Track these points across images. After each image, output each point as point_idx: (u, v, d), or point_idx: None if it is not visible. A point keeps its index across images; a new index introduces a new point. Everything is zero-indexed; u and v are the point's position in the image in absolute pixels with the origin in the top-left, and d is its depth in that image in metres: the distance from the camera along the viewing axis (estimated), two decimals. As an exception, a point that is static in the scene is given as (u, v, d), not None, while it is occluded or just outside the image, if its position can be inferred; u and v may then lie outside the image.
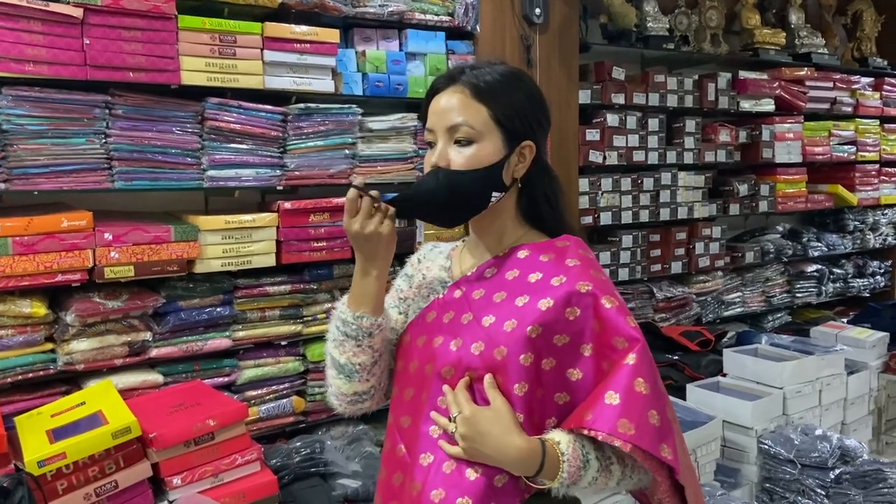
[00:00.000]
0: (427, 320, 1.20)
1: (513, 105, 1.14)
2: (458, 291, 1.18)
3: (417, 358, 1.17)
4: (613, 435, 0.99)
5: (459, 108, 1.13)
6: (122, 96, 2.45)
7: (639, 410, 1.01)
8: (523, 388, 1.05)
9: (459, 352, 1.10)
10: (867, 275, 5.01)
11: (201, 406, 2.27)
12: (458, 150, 1.14)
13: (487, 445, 1.03)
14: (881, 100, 4.93)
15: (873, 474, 2.87)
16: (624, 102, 3.72)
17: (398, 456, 1.13)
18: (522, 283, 1.11)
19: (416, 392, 1.14)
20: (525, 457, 1.02)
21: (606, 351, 1.05)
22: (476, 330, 1.10)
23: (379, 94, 2.97)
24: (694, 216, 4.06)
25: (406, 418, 1.14)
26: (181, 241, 2.54)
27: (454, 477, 1.05)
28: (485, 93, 1.13)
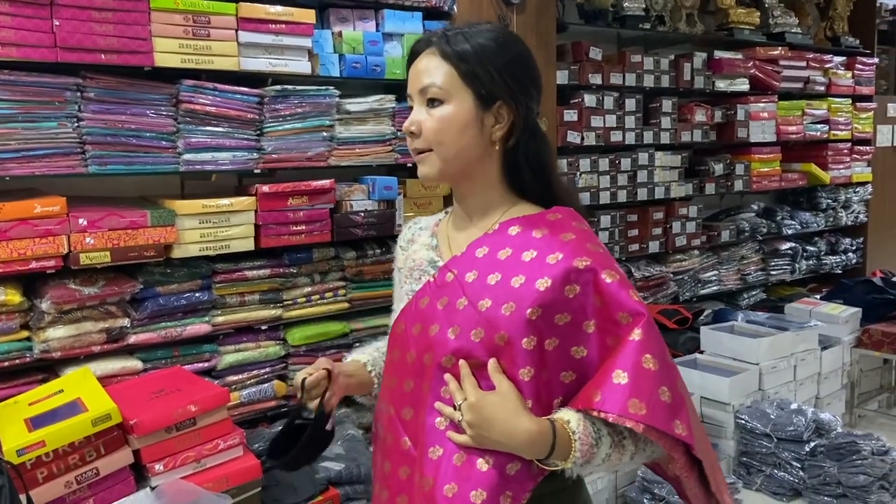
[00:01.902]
0: (421, 307, 1.14)
1: (484, 65, 1.10)
2: (449, 275, 1.12)
3: (414, 348, 1.12)
4: (625, 416, 0.96)
5: (430, 70, 1.12)
6: (94, 79, 2.40)
7: (649, 388, 0.97)
8: (529, 373, 1.01)
9: (458, 340, 1.05)
10: (839, 252, 5.10)
11: (182, 392, 2.25)
12: (428, 113, 1.12)
13: (495, 431, 0.99)
14: (853, 79, 4.99)
15: (847, 446, 2.94)
16: (601, 83, 3.73)
17: (403, 449, 1.10)
18: (517, 263, 1.06)
19: (417, 383, 1.10)
20: (535, 439, 0.98)
21: (610, 326, 1.02)
22: (473, 316, 1.05)
23: (356, 75, 2.94)
24: (671, 196, 4.10)
25: (408, 410, 1.11)
26: (158, 226, 2.50)
27: (465, 469, 1.02)
28: (453, 53, 1.11)
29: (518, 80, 1.13)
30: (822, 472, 2.94)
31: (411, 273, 1.24)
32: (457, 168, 1.14)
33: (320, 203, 2.87)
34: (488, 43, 1.11)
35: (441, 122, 1.10)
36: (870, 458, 2.88)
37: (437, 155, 1.13)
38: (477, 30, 1.13)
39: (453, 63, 1.10)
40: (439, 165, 1.14)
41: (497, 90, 1.11)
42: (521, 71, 1.14)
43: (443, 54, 1.11)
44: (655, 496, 2.61)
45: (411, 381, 1.11)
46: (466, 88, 1.10)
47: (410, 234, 1.33)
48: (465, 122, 1.10)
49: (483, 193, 1.17)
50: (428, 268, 1.21)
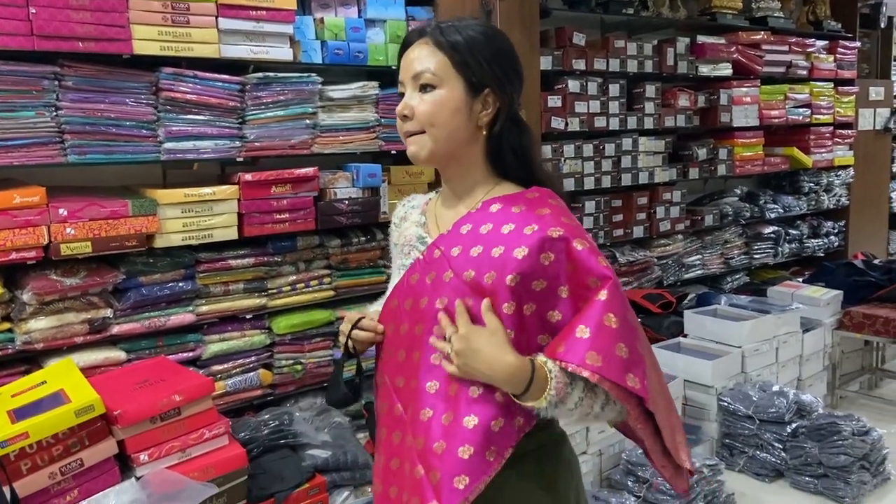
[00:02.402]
0: (412, 282, 1.21)
1: (474, 55, 1.18)
2: (437, 251, 1.20)
3: (406, 320, 1.19)
4: (582, 366, 1.04)
5: (423, 57, 1.19)
6: (72, 67, 2.37)
7: (607, 343, 1.05)
8: (509, 336, 1.09)
9: (446, 308, 1.14)
10: (822, 235, 5.15)
11: (166, 382, 2.25)
12: (421, 98, 1.19)
13: (480, 360, 1.07)
14: (835, 63, 5.02)
15: (828, 427, 2.99)
16: (585, 68, 3.73)
17: (396, 415, 1.16)
18: (497, 236, 1.14)
19: (408, 353, 1.17)
20: (516, 373, 1.06)
21: (581, 291, 1.09)
22: (459, 286, 1.13)
23: (339, 62, 2.92)
24: (655, 181, 4.11)
25: (400, 379, 1.18)
26: (139, 216, 2.49)
27: (453, 427, 1.08)
28: (446, 43, 1.18)
29: (504, 71, 1.21)
30: (804, 453, 2.99)
31: (402, 249, 1.32)
32: (445, 150, 1.21)
33: (304, 191, 2.86)
34: (478, 36, 1.19)
35: (434, 106, 1.18)
36: (850, 439, 2.93)
37: (429, 136, 1.20)
38: (467, 24, 1.21)
39: (446, 52, 1.18)
40: (430, 146, 1.20)
41: (486, 79, 1.19)
42: (507, 63, 1.22)
43: (437, 44, 1.19)
44: (639, 478, 2.64)
45: (403, 351, 1.18)
46: (458, 76, 1.18)
47: (403, 211, 1.40)
48: (456, 106, 1.18)
49: (469, 175, 1.25)
50: (417, 244, 1.28)
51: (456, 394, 1.10)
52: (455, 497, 1.05)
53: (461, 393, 1.10)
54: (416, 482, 1.09)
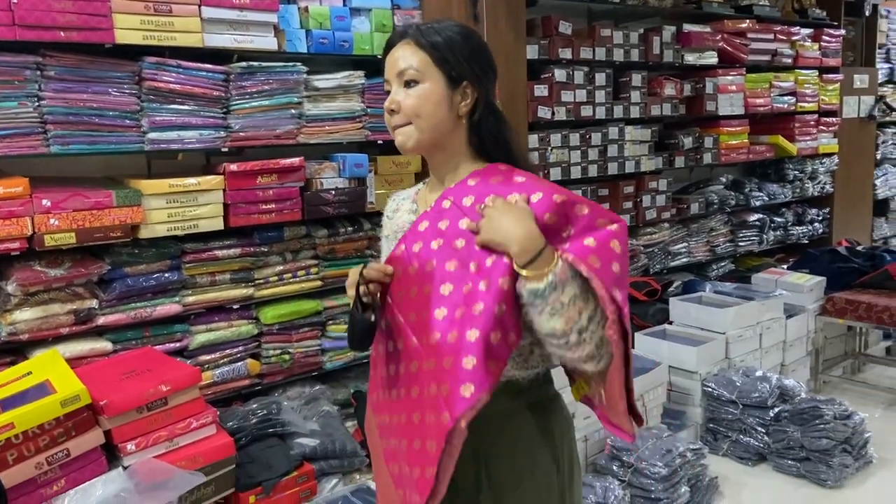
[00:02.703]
0: (420, 229, 1.31)
1: (453, 52, 1.30)
2: (446, 202, 1.30)
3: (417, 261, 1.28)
4: (582, 261, 1.14)
5: (406, 56, 1.30)
6: (54, 57, 2.36)
7: (607, 257, 1.16)
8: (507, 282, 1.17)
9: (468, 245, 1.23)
10: (806, 222, 5.19)
11: (153, 372, 2.25)
12: (406, 93, 1.30)
13: (507, 218, 1.17)
14: (820, 51, 5.04)
15: (810, 411, 3.03)
16: (571, 57, 3.73)
17: (412, 347, 1.24)
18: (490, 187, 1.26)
19: (420, 288, 1.26)
20: (532, 236, 1.16)
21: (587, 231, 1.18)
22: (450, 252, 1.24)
23: (324, 51, 2.92)
24: (641, 170, 4.13)
25: (413, 314, 1.26)
26: (124, 206, 2.48)
27: (458, 343, 1.17)
28: (427, 43, 1.30)
29: (480, 66, 1.33)
30: (786, 437, 3.02)
31: (396, 236, 1.40)
32: (430, 139, 1.31)
33: (290, 181, 2.86)
34: (455, 35, 1.31)
35: (418, 99, 1.28)
36: (832, 423, 2.97)
37: (415, 127, 1.30)
38: (445, 25, 1.33)
39: (427, 51, 1.29)
40: (416, 136, 1.31)
41: (464, 73, 1.30)
42: (482, 58, 1.34)
43: (417, 44, 1.30)
44: (625, 463, 2.67)
45: (415, 288, 1.27)
46: (438, 71, 1.29)
47: (395, 204, 1.49)
48: (438, 98, 1.29)
49: (453, 160, 1.35)
50: (408, 227, 1.37)
51: (461, 316, 1.18)
52: (462, 405, 1.12)
53: (466, 314, 1.18)
54: (433, 400, 1.17)
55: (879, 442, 3.27)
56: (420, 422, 1.21)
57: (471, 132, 1.33)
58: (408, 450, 1.24)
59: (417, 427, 1.22)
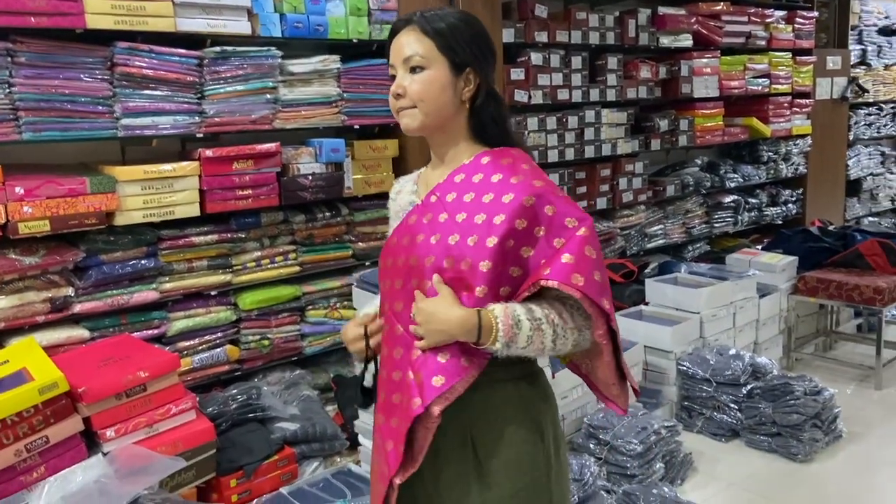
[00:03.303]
0: (409, 223, 1.38)
1: (455, 39, 1.35)
2: (433, 197, 1.37)
3: (403, 253, 1.36)
4: (567, 285, 1.22)
5: (411, 43, 1.35)
6: (25, 43, 2.34)
7: (587, 269, 1.24)
8: (487, 266, 1.26)
9: (439, 244, 1.31)
10: (780, 203, 5.27)
11: (131, 359, 2.26)
12: (411, 78, 1.35)
13: (437, 321, 1.25)
14: (793, 33, 5.09)
15: (781, 388, 3.10)
16: (547, 41, 3.74)
17: (398, 334, 1.33)
18: (487, 184, 1.33)
19: (405, 281, 1.34)
20: (465, 323, 1.24)
21: (558, 230, 1.27)
22: (451, 225, 1.31)
23: (298, 35, 2.91)
24: (617, 153, 4.17)
25: (399, 303, 1.34)
26: (98, 193, 2.47)
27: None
28: (431, 30, 1.35)
29: (482, 52, 1.38)
30: (758, 413, 3.09)
31: (397, 216, 1.48)
32: (434, 122, 1.37)
33: (266, 167, 2.86)
34: (458, 23, 1.36)
35: (424, 84, 1.34)
36: (802, 398, 3.04)
37: (420, 110, 1.36)
38: (448, 12, 1.38)
39: (432, 37, 1.34)
40: (421, 118, 1.36)
41: (467, 59, 1.35)
42: (483, 45, 1.39)
43: (423, 31, 1.35)
44: (601, 441, 2.72)
45: (400, 280, 1.35)
46: (443, 57, 1.34)
47: (399, 186, 1.55)
48: (443, 84, 1.34)
49: (454, 141, 1.41)
50: (409, 208, 1.45)
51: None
52: (432, 392, 1.24)
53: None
54: (409, 385, 1.28)
55: (850, 417, 3.36)
56: (399, 403, 1.30)
57: (472, 116, 1.39)
58: (385, 426, 1.33)
59: (395, 406, 1.31)
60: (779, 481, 2.90)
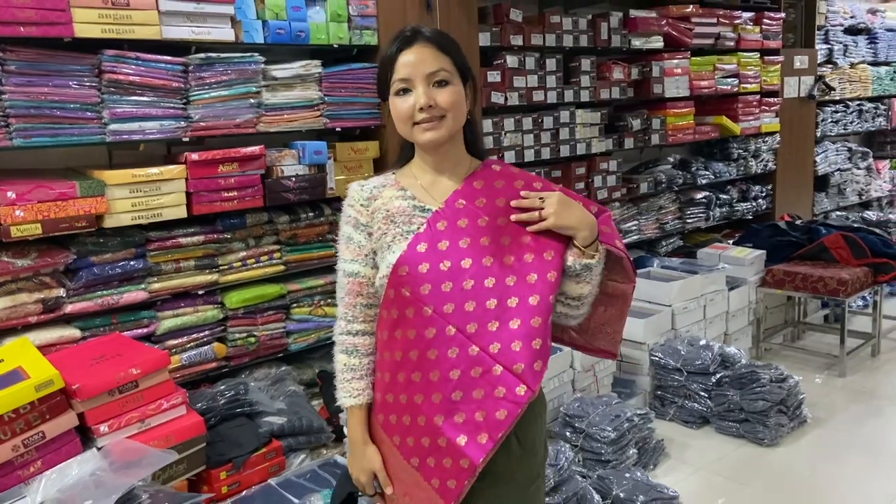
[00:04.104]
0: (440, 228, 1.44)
1: (461, 55, 1.47)
2: (459, 202, 1.46)
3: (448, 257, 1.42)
4: (612, 246, 1.43)
5: (434, 58, 1.42)
6: (14, 51, 2.40)
7: (619, 237, 1.48)
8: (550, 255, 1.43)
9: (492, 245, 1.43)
10: (750, 199, 5.42)
11: (122, 357, 2.33)
12: (438, 91, 1.42)
13: (573, 208, 1.41)
14: (761, 33, 5.25)
15: (748, 376, 3.24)
16: (522, 44, 3.85)
17: (448, 335, 1.39)
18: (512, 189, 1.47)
19: (456, 282, 1.40)
20: (594, 224, 1.42)
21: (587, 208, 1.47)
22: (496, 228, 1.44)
23: (281, 41, 2.99)
24: (592, 151, 4.29)
25: (449, 305, 1.40)
26: (88, 197, 2.54)
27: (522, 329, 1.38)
28: (445, 46, 1.44)
29: (470, 67, 1.51)
30: (727, 400, 3.24)
31: (393, 218, 1.48)
32: (455, 133, 1.47)
33: (251, 169, 2.94)
34: (452, 40, 1.48)
35: (453, 96, 1.43)
36: (768, 385, 3.19)
37: (448, 121, 1.44)
38: (438, 30, 1.49)
39: (447, 53, 1.44)
40: (448, 130, 1.45)
41: (469, 75, 1.48)
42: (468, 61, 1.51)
43: (440, 47, 1.43)
44: (576, 429, 2.85)
45: (450, 282, 1.40)
46: (457, 73, 1.45)
47: (367, 192, 1.53)
48: (463, 97, 1.46)
49: (456, 150, 1.51)
50: (415, 212, 1.48)
51: (517, 305, 1.38)
52: (538, 377, 1.37)
53: (522, 302, 1.38)
54: (495, 378, 1.37)
55: (815, 403, 3.52)
56: (482, 398, 1.38)
57: (466, 128, 1.51)
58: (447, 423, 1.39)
59: (474, 401, 1.38)
60: (746, 464, 3.05)
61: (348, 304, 1.52)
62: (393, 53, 1.45)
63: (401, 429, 1.44)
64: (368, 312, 1.52)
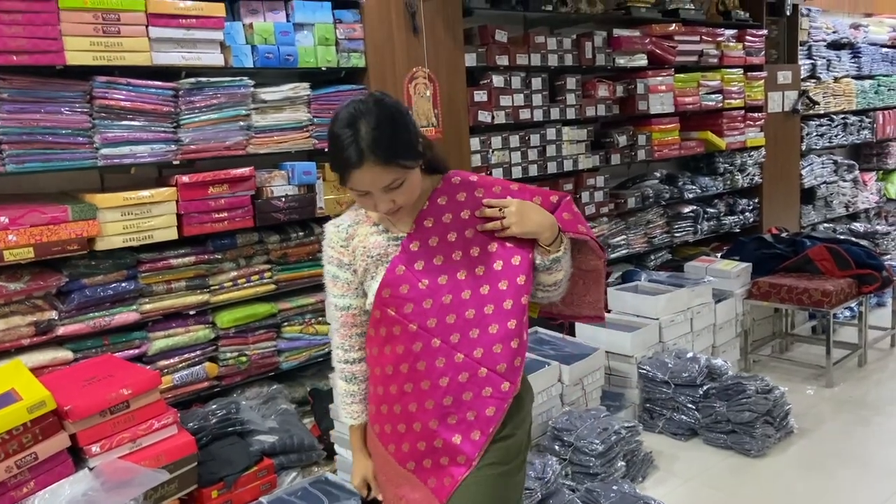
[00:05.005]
0: (413, 249, 1.53)
1: (405, 146, 1.44)
2: (427, 221, 1.54)
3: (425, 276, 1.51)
4: (574, 232, 1.54)
5: (383, 174, 1.42)
6: (7, 79, 2.45)
7: (582, 220, 1.58)
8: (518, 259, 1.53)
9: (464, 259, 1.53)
10: (737, 212, 5.49)
11: (114, 377, 2.37)
12: (397, 192, 1.46)
13: (533, 213, 1.50)
14: (744, 50, 5.34)
15: (734, 387, 3.28)
16: (508, 63, 3.93)
17: (434, 347, 1.50)
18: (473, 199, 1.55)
19: (435, 299, 1.50)
20: (553, 224, 1.51)
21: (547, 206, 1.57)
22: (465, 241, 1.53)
23: (269, 65, 3.05)
24: (579, 168, 4.35)
25: (432, 320, 1.50)
26: (79, 220, 2.59)
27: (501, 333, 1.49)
28: (390, 158, 1.41)
29: (415, 133, 1.48)
30: (714, 412, 3.27)
31: (369, 252, 1.55)
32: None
33: (241, 190, 2.99)
34: (393, 125, 1.43)
35: (408, 190, 1.48)
36: (754, 397, 3.22)
37: (408, 206, 1.51)
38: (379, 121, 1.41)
39: (395, 163, 1.42)
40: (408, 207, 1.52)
41: (418, 155, 1.47)
42: (412, 126, 1.48)
43: (389, 161, 1.41)
44: (564, 442, 2.87)
45: (430, 300, 1.50)
46: (411, 164, 1.46)
47: (344, 233, 1.59)
48: (418, 181, 1.50)
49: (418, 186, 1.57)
50: (391, 242, 1.54)
51: (493, 311, 1.49)
52: (518, 371, 1.50)
53: (497, 310, 1.49)
54: (481, 379, 1.49)
55: (802, 413, 3.55)
56: (471, 399, 1.49)
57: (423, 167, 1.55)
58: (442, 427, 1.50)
59: (464, 403, 1.49)
60: (734, 475, 3.08)
61: (344, 335, 1.64)
62: (343, 170, 1.44)
63: (395, 437, 1.55)
64: (363, 340, 1.63)
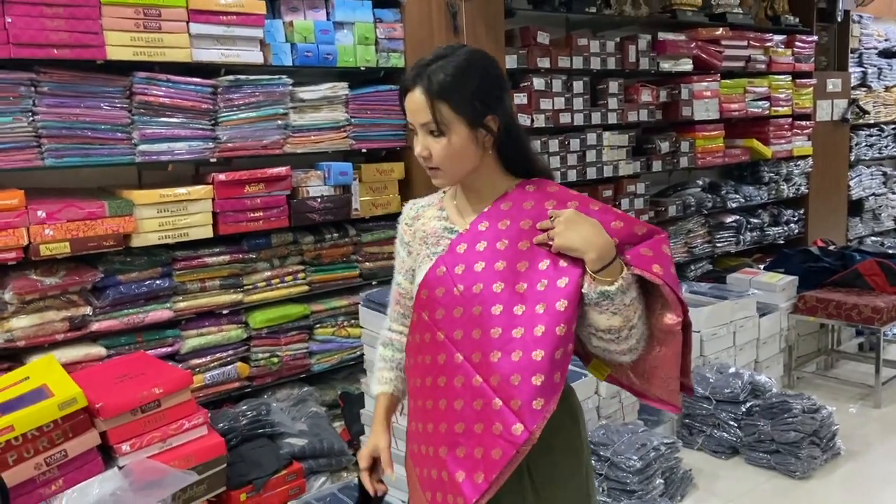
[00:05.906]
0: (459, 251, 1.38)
1: (468, 93, 1.30)
2: (482, 224, 1.38)
3: (462, 282, 1.35)
4: (646, 270, 1.26)
5: (425, 108, 1.31)
6: (48, 73, 2.45)
7: (666, 263, 1.28)
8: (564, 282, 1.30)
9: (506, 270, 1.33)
10: (782, 223, 5.33)
11: (146, 376, 2.34)
12: (434, 141, 1.34)
13: (584, 227, 1.26)
14: (793, 56, 5.19)
15: (779, 406, 3.15)
16: (549, 66, 3.85)
17: (456, 363, 1.32)
18: (541, 210, 1.35)
19: (466, 308, 1.33)
20: (607, 247, 1.25)
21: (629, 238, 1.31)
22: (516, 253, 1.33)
23: (308, 63, 3.02)
24: (619, 174, 4.25)
25: (459, 331, 1.34)
26: (116, 216, 2.57)
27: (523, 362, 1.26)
28: (441, 91, 1.29)
29: (495, 95, 1.35)
30: (757, 430, 3.15)
31: (426, 239, 1.47)
32: (462, 175, 1.40)
33: (277, 190, 2.96)
34: (464, 71, 1.30)
35: (445, 150, 1.33)
36: (800, 416, 3.09)
37: (446, 172, 1.37)
38: (453, 59, 1.32)
39: (444, 99, 1.29)
40: (449, 178, 1.39)
41: (483, 111, 1.32)
42: (495, 85, 1.35)
43: (436, 94, 1.29)
44: (601, 457, 2.78)
45: (460, 308, 1.34)
46: (458, 118, 1.31)
47: (413, 212, 1.54)
48: (463, 147, 1.33)
49: (487, 177, 1.42)
50: (444, 233, 1.45)
51: (522, 335, 1.27)
52: (536, 416, 1.24)
53: (527, 335, 1.27)
54: (494, 412, 1.27)
55: (849, 435, 3.40)
56: (482, 432, 1.28)
57: (498, 155, 1.40)
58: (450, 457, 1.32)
59: (475, 436, 1.29)
60: (777, 498, 2.95)
61: (393, 308, 1.60)
62: (401, 94, 1.38)
63: (420, 459, 1.41)
64: (404, 321, 1.56)
